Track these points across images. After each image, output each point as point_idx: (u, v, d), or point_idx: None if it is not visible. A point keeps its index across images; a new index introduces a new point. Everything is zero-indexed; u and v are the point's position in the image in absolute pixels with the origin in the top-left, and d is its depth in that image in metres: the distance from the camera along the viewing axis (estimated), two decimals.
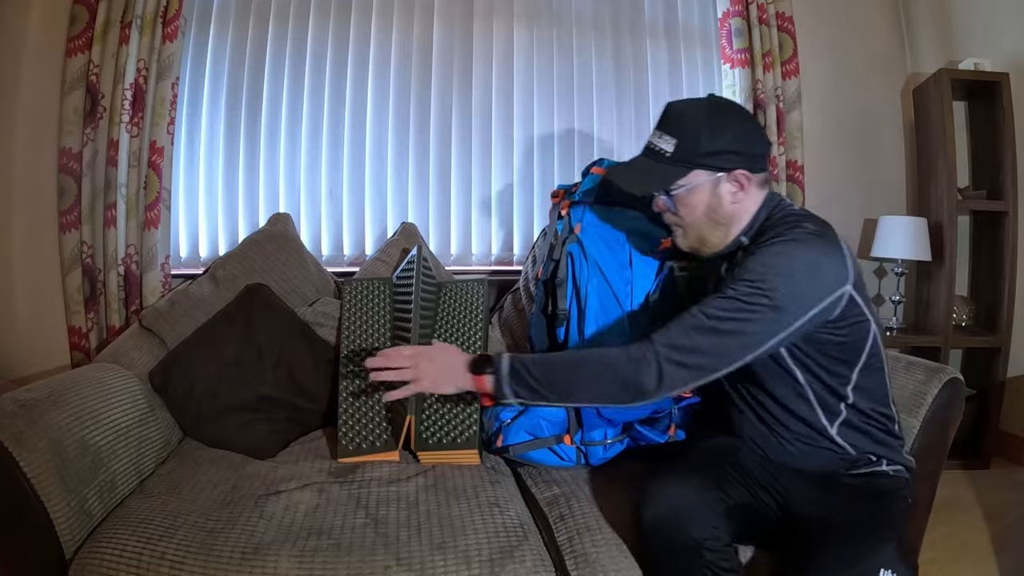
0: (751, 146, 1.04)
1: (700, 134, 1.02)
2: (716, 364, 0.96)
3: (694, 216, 1.07)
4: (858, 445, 1.06)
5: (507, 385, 1.02)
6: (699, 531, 0.96)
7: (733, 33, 2.17)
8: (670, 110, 1.07)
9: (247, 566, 0.96)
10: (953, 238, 2.20)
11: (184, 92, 1.97)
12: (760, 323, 0.94)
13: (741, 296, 0.94)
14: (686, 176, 1.04)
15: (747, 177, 1.03)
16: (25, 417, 1.03)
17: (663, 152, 1.05)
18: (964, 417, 1.23)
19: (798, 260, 0.95)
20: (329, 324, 1.63)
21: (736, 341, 0.94)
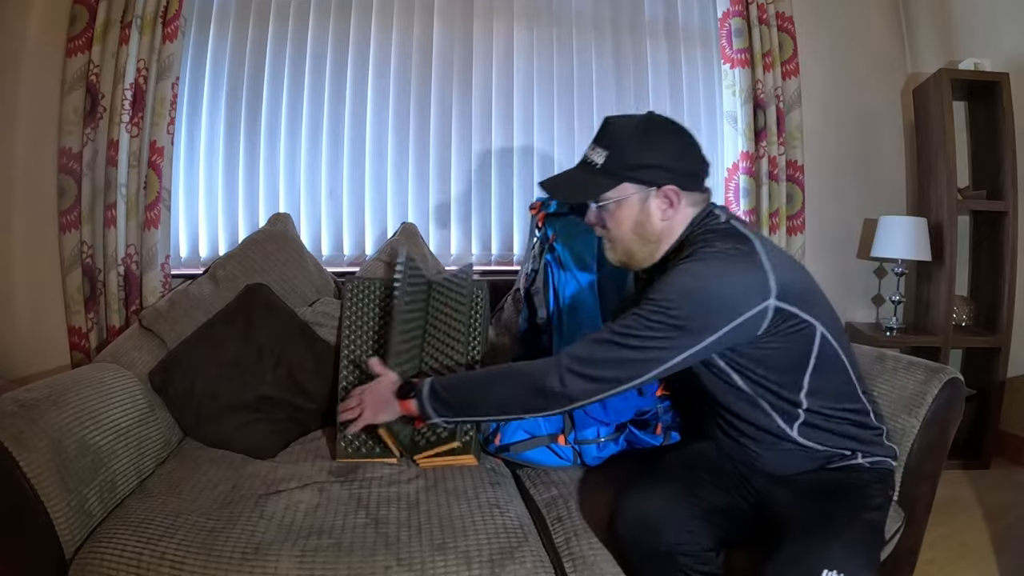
0: (682, 163, 1.04)
1: (629, 147, 1.02)
2: (618, 377, 0.96)
3: (621, 230, 1.06)
4: (825, 442, 1.05)
5: (429, 406, 1.07)
6: (671, 537, 0.97)
7: (733, 33, 2.17)
8: (606, 123, 1.08)
9: (247, 566, 0.96)
10: (953, 238, 2.20)
11: (184, 92, 1.96)
12: (662, 341, 0.94)
13: (643, 314, 0.95)
14: (615, 188, 1.04)
15: (676, 193, 1.02)
16: (25, 417, 1.03)
17: (594, 164, 1.05)
18: (964, 417, 1.23)
19: (703, 280, 0.94)
20: (329, 324, 1.63)
21: (638, 357, 0.95)
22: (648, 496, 1.02)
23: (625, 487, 1.06)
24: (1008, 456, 2.23)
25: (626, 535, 1.01)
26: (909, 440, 1.18)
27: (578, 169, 1.09)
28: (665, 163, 1.02)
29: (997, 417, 2.20)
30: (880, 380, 1.27)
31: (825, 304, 1.05)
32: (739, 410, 1.08)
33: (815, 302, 1.01)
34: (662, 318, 0.93)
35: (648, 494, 1.02)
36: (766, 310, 0.94)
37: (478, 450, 1.36)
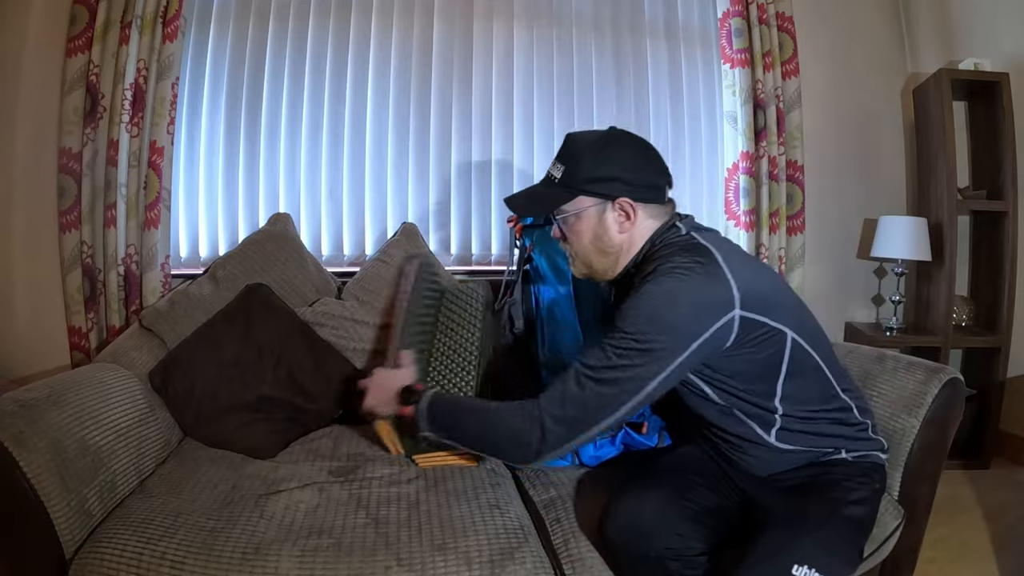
0: (637, 175, 1.04)
1: (585, 160, 1.03)
2: (596, 417, 0.94)
3: (581, 243, 1.07)
4: (804, 444, 1.04)
5: (423, 419, 1.05)
6: (661, 542, 0.97)
7: (733, 33, 2.17)
8: (568, 138, 1.09)
9: (248, 566, 0.96)
10: (953, 238, 2.20)
11: (184, 92, 1.96)
12: (634, 370, 0.92)
13: (612, 344, 0.93)
14: (571, 202, 1.05)
15: (631, 206, 1.02)
16: (25, 417, 1.03)
17: (553, 178, 1.07)
18: (964, 417, 1.23)
19: (665, 300, 0.93)
20: (329, 324, 1.63)
21: (612, 391, 0.93)
22: (639, 500, 1.02)
23: (615, 492, 1.06)
24: (1008, 456, 2.23)
25: (616, 540, 1.01)
26: (909, 440, 1.18)
27: (540, 184, 1.11)
28: (620, 175, 1.02)
29: (997, 417, 2.20)
30: (880, 380, 1.27)
31: (794, 307, 1.04)
32: (715, 420, 1.08)
33: (783, 306, 1.00)
34: (630, 344, 0.92)
35: (639, 498, 1.02)
36: (732, 321, 0.93)
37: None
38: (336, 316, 1.65)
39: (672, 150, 2.30)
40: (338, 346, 1.62)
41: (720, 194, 2.29)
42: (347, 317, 1.66)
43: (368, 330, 1.67)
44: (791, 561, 0.89)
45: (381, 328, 1.62)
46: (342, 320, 1.65)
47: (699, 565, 0.99)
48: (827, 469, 1.05)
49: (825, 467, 1.05)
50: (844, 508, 0.99)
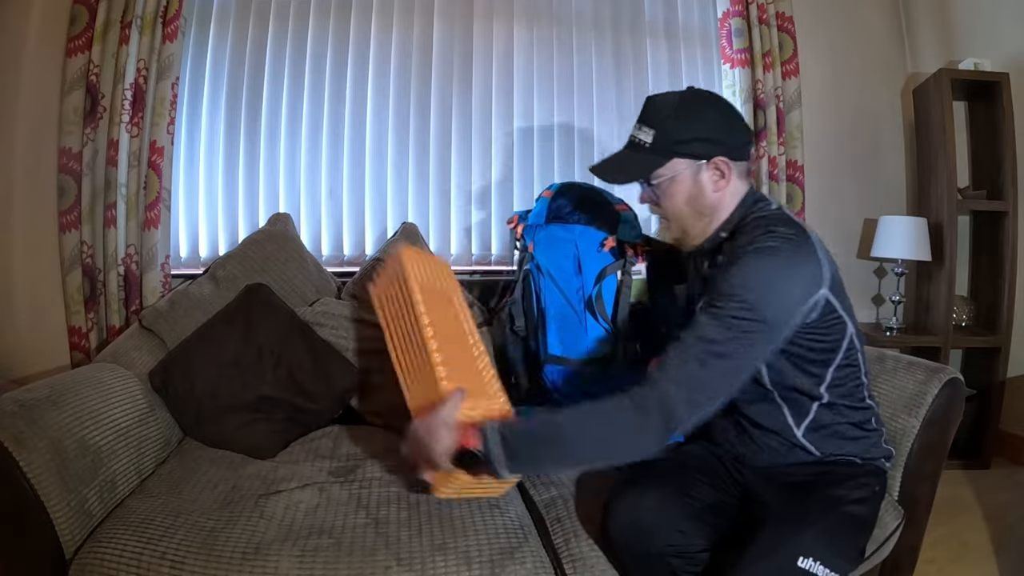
0: (729, 134, 1.03)
1: (676, 122, 1.01)
2: (719, 392, 0.92)
3: (676, 206, 1.06)
4: (824, 448, 1.05)
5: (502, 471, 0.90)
6: (663, 539, 0.97)
7: (733, 33, 2.17)
8: (648, 102, 1.07)
9: (247, 566, 0.96)
10: (953, 238, 2.20)
11: (184, 92, 1.96)
12: (756, 342, 0.92)
13: (733, 315, 0.91)
14: (665, 165, 1.03)
15: (727, 164, 1.02)
16: (25, 417, 1.03)
17: (642, 143, 1.04)
18: (964, 417, 1.23)
19: (777, 272, 0.94)
20: (329, 324, 1.63)
21: (738, 364, 0.92)
22: (640, 498, 1.02)
23: (616, 490, 1.06)
24: (1008, 456, 2.23)
25: (617, 538, 1.01)
26: (909, 440, 1.18)
27: (626, 150, 1.08)
28: (712, 135, 1.01)
29: (997, 417, 2.20)
30: (880, 380, 1.27)
31: (851, 303, 1.05)
32: (749, 402, 1.07)
33: (847, 297, 1.03)
34: (747, 315, 0.90)
35: (640, 496, 1.02)
36: (819, 301, 0.95)
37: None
38: (336, 316, 1.65)
39: None
40: (338, 346, 1.62)
41: None
42: (347, 317, 1.66)
43: (368, 330, 1.66)
44: (796, 553, 0.89)
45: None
46: (342, 320, 1.65)
47: (701, 562, 0.99)
48: (831, 468, 1.05)
49: (830, 466, 1.05)
50: (845, 505, 0.99)
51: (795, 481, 1.05)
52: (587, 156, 2.22)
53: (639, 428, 0.89)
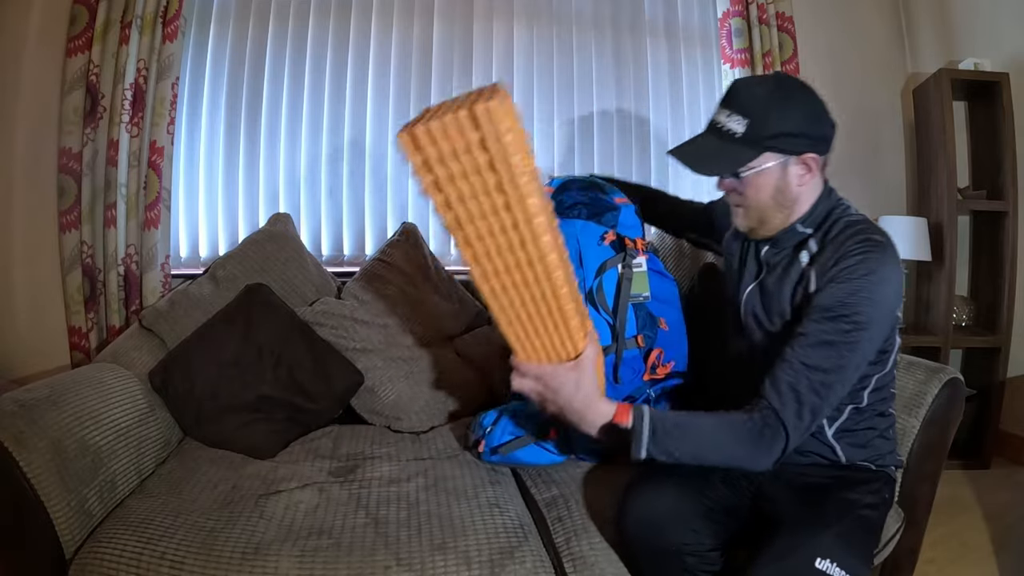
0: (820, 128, 1.01)
1: (768, 114, 0.98)
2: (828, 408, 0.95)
3: (760, 198, 1.04)
4: (847, 449, 1.06)
5: (646, 451, 0.93)
6: (677, 537, 0.97)
7: (733, 33, 2.17)
8: (738, 88, 1.03)
9: (247, 566, 0.96)
10: (953, 238, 2.20)
11: (184, 92, 1.96)
12: (858, 352, 0.94)
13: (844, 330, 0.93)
14: (756, 158, 1.01)
15: (815, 160, 1.01)
16: (25, 417, 1.03)
17: (732, 132, 1.01)
18: (964, 417, 1.23)
19: (883, 281, 0.95)
20: (329, 324, 1.63)
21: (843, 376, 0.94)
22: (657, 495, 1.01)
23: (633, 485, 1.06)
24: (1008, 456, 2.23)
25: (633, 534, 1.01)
26: (909, 440, 1.18)
27: (712, 138, 1.05)
28: (804, 130, 0.99)
29: (997, 417, 2.20)
30: None
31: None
32: None
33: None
34: (856, 329, 0.93)
35: (657, 493, 1.02)
36: (898, 298, 0.99)
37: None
38: (336, 316, 1.65)
39: None
40: (338, 346, 1.62)
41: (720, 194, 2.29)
42: (347, 317, 1.66)
43: (368, 329, 1.67)
44: (814, 554, 0.89)
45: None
46: (342, 320, 1.65)
47: (714, 560, 0.99)
48: (847, 472, 1.06)
49: (845, 470, 1.06)
50: (860, 509, 1.00)
51: (809, 482, 1.05)
52: (586, 154, 2.22)
53: (757, 447, 0.92)
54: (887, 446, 1.09)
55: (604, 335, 1.32)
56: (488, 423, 1.36)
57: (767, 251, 1.09)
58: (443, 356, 1.70)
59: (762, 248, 1.10)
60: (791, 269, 1.04)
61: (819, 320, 0.95)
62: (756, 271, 1.11)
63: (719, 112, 1.04)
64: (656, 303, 1.37)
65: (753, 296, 1.11)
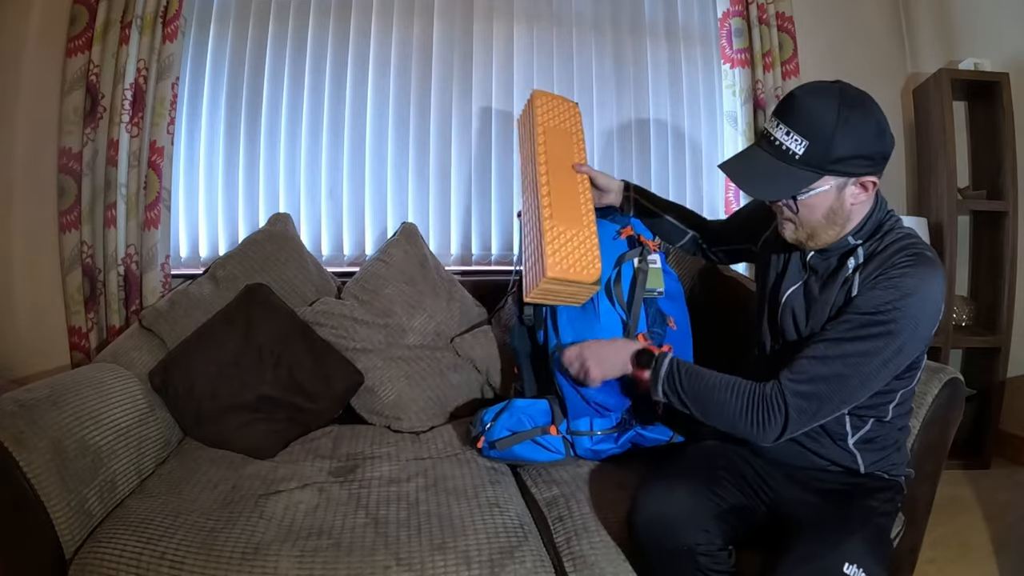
0: (881, 148, 0.97)
1: (833, 138, 0.93)
2: (843, 406, 0.96)
3: (813, 217, 1.01)
4: (866, 457, 1.06)
5: (662, 384, 1.05)
6: (691, 536, 0.96)
7: (733, 33, 2.17)
8: (799, 101, 0.97)
9: (247, 566, 0.97)
10: (953, 238, 2.20)
11: (184, 92, 1.96)
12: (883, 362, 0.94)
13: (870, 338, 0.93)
14: (816, 180, 0.97)
15: (874, 183, 0.98)
16: (25, 417, 1.03)
17: (791, 153, 0.96)
18: (964, 417, 1.23)
19: (925, 301, 0.94)
20: (329, 324, 1.64)
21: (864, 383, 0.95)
22: (670, 494, 1.01)
23: (645, 484, 1.05)
24: (1008, 456, 2.23)
25: (644, 533, 1.00)
26: (909, 440, 1.18)
27: (768, 154, 0.99)
28: (865, 151, 0.95)
29: (997, 417, 2.20)
30: None
31: None
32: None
33: None
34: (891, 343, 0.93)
35: (670, 491, 1.02)
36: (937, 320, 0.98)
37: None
38: (336, 316, 1.65)
39: (672, 150, 2.30)
40: (338, 346, 1.62)
41: (720, 194, 2.29)
42: (347, 316, 1.66)
43: (368, 329, 1.67)
44: (842, 559, 0.89)
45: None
46: (342, 320, 1.65)
47: (723, 560, 0.99)
48: (863, 480, 1.06)
49: (862, 478, 1.06)
50: (878, 517, 1.01)
51: (829, 488, 1.05)
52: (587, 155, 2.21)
53: (761, 423, 0.97)
54: (900, 457, 1.10)
55: (616, 330, 1.32)
56: (488, 419, 1.36)
57: (813, 256, 1.08)
58: (443, 356, 1.70)
59: (808, 252, 1.09)
60: (837, 275, 1.03)
61: (851, 319, 0.95)
62: (801, 275, 1.10)
63: (775, 125, 0.99)
64: (666, 300, 1.38)
65: (796, 298, 1.09)
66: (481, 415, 1.39)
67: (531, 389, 1.48)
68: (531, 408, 1.36)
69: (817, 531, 0.95)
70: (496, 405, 1.40)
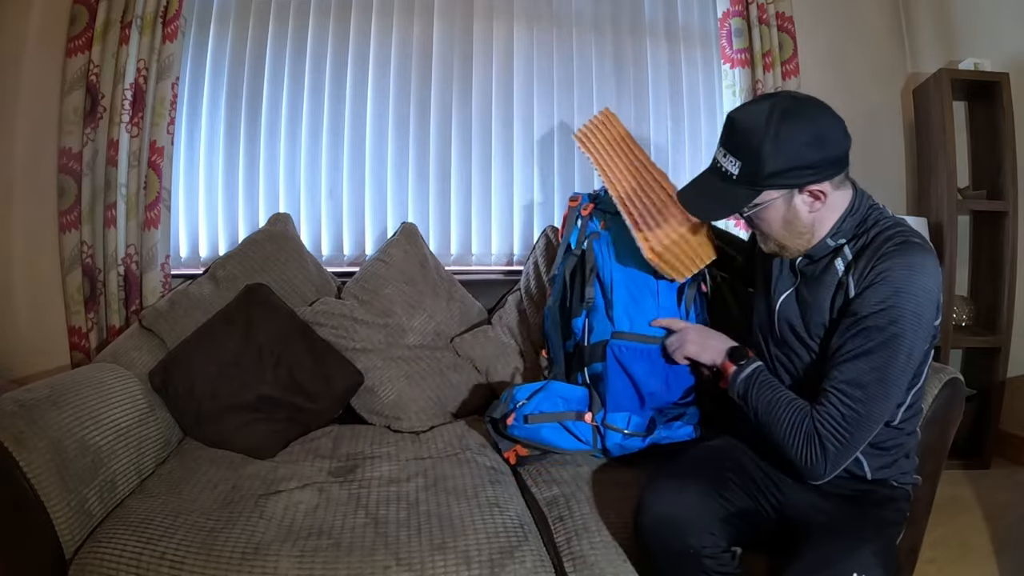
0: (821, 155, 0.97)
1: (761, 154, 0.95)
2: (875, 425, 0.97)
3: (772, 229, 1.05)
4: (873, 463, 1.05)
5: (740, 382, 1.09)
6: (698, 538, 0.96)
7: (733, 33, 2.17)
8: (732, 124, 1.01)
9: (247, 566, 0.97)
10: (953, 238, 2.20)
11: (184, 92, 1.96)
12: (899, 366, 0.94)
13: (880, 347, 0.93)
14: (756, 197, 1.00)
15: (821, 190, 0.99)
16: (25, 417, 1.03)
17: (729, 174, 1.00)
18: (964, 417, 1.23)
19: (922, 292, 0.93)
20: (329, 324, 1.64)
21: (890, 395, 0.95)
22: (679, 495, 1.01)
23: (653, 484, 1.05)
24: (1008, 456, 2.23)
25: (652, 533, 1.00)
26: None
27: (712, 177, 1.04)
28: (802, 162, 0.96)
29: (997, 417, 2.20)
30: None
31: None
32: None
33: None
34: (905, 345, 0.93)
35: (678, 492, 1.01)
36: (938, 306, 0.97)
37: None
38: (336, 316, 1.65)
39: (672, 150, 2.30)
40: (338, 346, 1.62)
41: None
42: (347, 316, 1.66)
43: (368, 329, 1.67)
44: (851, 568, 0.89)
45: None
46: (342, 320, 1.65)
47: (726, 562, 0.99)
48: (873, 488, 1.06)
49: (872, 485, 1.06)
50: (888, 527, 1.01)
51: (837, 494, 1.05)
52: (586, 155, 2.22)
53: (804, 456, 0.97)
54: (909, 464, 1.09)
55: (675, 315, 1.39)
56: (522, 396, 1.35)
57: (801, 262, 1.09)
58: (443, 356, 1.70)
59: (797, 259, 1.10)
60: (826, 277, 1.04)
61: (856, 332, 0.95)
62: (791, 281, 1.11)
63: (718, 150, 1.04)
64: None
65: (788, 305, 1.10)
66: (513, 392, 1.37)
67: (561, 372, 1.49)
68: (568, 392, 1.36)
69: (829, 537, 0.95)
70: (531, 384, 1.39)
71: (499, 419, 1.36)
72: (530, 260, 1.88)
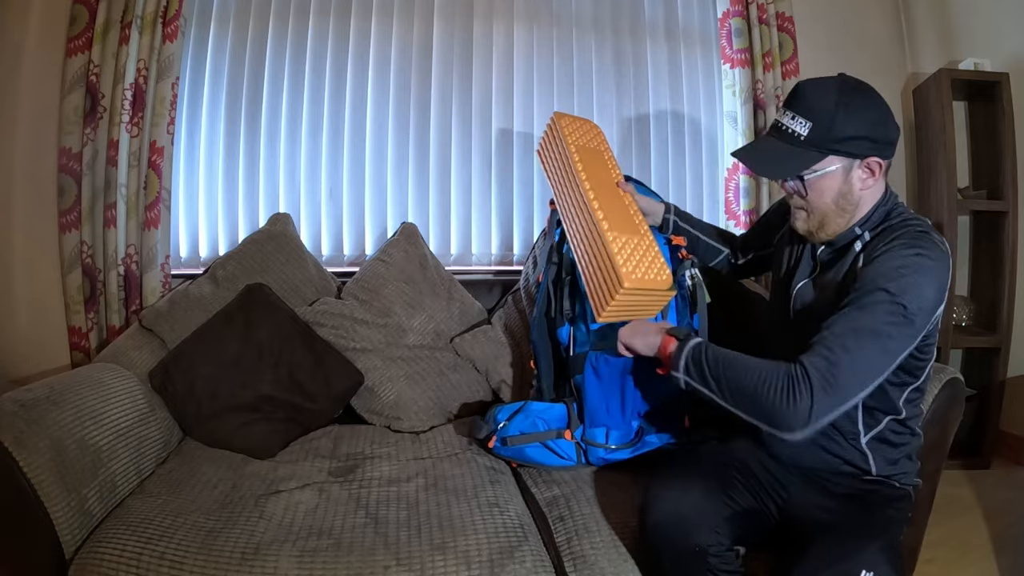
0: (884, 132, 1.01)
1: (836, 117, 0.98)
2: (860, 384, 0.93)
3: (822, 201, 1.04)
4: (878, 460, 1.06)
5: (686, 352, 1.03)
6: (703, 538, 0.96)
7: (733, 33, 2.17)
8: (802, 89, 1.04)
9: (247, 566, 0.97)
10: (953, 238, 2.20)
11: (184, 92, 1.96)
12: (896, 332, 0.93)
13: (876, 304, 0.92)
14: (820, 161, 1.01)
15: (879, 164, 1.01)
16: (25, 417, 1.03)
17: (796, 135, 1.01)
18: (964, 417, 1.23)
19: (929, 271, 0.94)
20: (329, 324, 1.64)
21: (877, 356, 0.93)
22: (685, 495, 1.01)
23: (658, 484, 1.05)
24: (1008, 456, 2.23)
25: (658, 532, 1.00)
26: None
27: (776, 140, 1.05)
28: (869, 133, 0.99)
29: (997, 417, 2.20)
30: None
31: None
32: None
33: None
34: (895, 307, 0.91)
35: (684, 490, 1.01)
36: (939, 314, 0.97)
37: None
38: (336, 316, 1.65)
39: (672, 150, 2.30)
40: (338, 346, 1.62)
41: (720, 194, 2.29)
42: (347, 316, 1.66)
43: (368, 329, 1.67)
44: (860, 566, 0.89)
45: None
46: (342, 320, 1.65)
47: (730, 560, 0.99)
48: (877, 487, 1.06)
49: (876, 484, 1.06)
50: (893, 525, 1.01)
51: (842, 492, 1.05)
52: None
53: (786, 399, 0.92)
54: (912, 466, 1.10)
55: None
56: (502, 418, 1.36)
57: (823, 251, 1.10)
58: (443, 356, 1.71)
59: (819, 247, 1.10)
60: (845, 259, 1.05)
61: (857, 292, 0.95)
62: (811, 268, 1.12)
63: (782, 113, 1.05)
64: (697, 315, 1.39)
65: (806, 291, 1.11)
66: (495, 413, 1.38)
67: (548, 386, 1.47)
68: (547, 412, 1.35)
69: (835, 535, 0.95)
70: (511, 405, 1.39)
71: (483, 440, 1.37)
72: (530, 260, 1.88)
